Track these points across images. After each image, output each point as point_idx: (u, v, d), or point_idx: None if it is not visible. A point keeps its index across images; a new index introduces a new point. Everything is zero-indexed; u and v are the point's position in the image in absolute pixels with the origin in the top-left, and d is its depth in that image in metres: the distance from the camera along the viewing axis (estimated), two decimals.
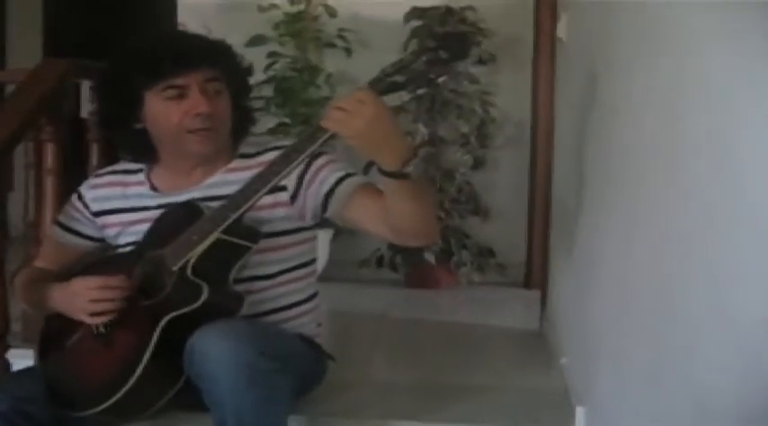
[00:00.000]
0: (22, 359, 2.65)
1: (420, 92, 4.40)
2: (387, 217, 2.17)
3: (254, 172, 2.28)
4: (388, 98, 2.05)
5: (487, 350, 3.47)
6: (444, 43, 2.04)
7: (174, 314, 2.19)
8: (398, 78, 2.05)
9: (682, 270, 1.58)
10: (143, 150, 2.43)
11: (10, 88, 4.93)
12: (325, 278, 2.56)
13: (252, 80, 2.54)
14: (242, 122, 2.45)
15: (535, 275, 4.41)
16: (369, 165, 2.10)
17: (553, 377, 2.88)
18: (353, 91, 2.01)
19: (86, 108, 3.10)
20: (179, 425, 2.42)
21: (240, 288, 2.31)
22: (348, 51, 4.75)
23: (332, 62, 4.85)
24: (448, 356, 3.36)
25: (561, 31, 3.35)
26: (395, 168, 2.02)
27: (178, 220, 2.30)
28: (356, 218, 2.30)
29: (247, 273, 2.34)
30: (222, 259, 2.27)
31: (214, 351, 2.03)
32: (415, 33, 4.47)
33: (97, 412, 2.20)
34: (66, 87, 2.98)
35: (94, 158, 3.19)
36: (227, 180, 2.38)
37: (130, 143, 2.44)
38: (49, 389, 2.26)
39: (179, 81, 2.30)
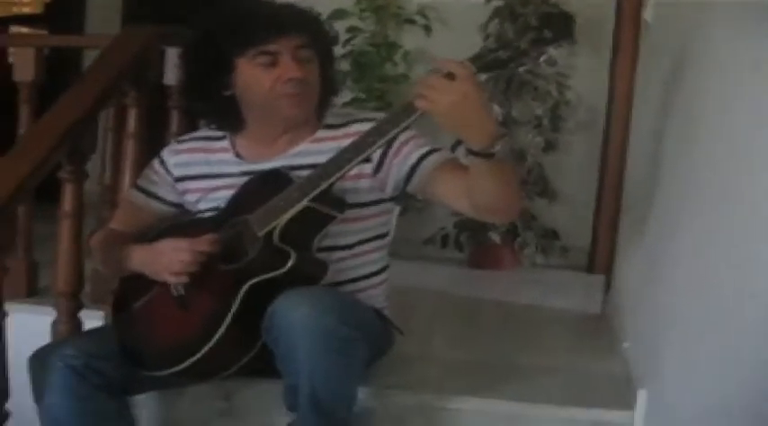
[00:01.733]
0: (90, 319, 2.72)
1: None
2: (469, 193, 2.19)
3: (340, 142, 2.31)
4: None
5: (548, 332, 3.48)
6: (548, 23, 2.04)
7: (260, 278, 2.22)
8: (501, 54, 2.06)
9: (762, 259, 1.58)
10: (230, 118, 2.45)
11: (88, 53, 5.05)
12: (389, 253, 2.59)
13: None
14: (327, 91, 2.47)
15: (599, 260, 4.40)
16: (457, 143, 2.11)
17: (615, 361, 2.88)
18: (452, 62, 1.99)
19: (170, 75, 3.14)
20: (247, 390, 2.50)
21: (319, 256, 2.34)
22: (427, 29, 4.77)
23: (410, 39, 4.87)
24: (508, 336, 3.38)
25: (648, 14, 3.32)
26: (482, 147, 2.02)
27: (265, 187, 2.33)
28: (439, 193, 2.32)
29: (327, 243, 2.36)
30: (308, 227, 2.29)
31: (296, 317, 2.06)
32: (496, 13, 4.45)
33: (172, 373, 2.24)
34: (150, 54, 3.02)
35: (174, 125, 3.23)
36: (312, 149, 2.41)
37: (217, 110, 2.46)
38: (122, 349, 2.31)
39: (271, 47, 2.32)
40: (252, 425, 2.53)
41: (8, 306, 2.41)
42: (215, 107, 2.46)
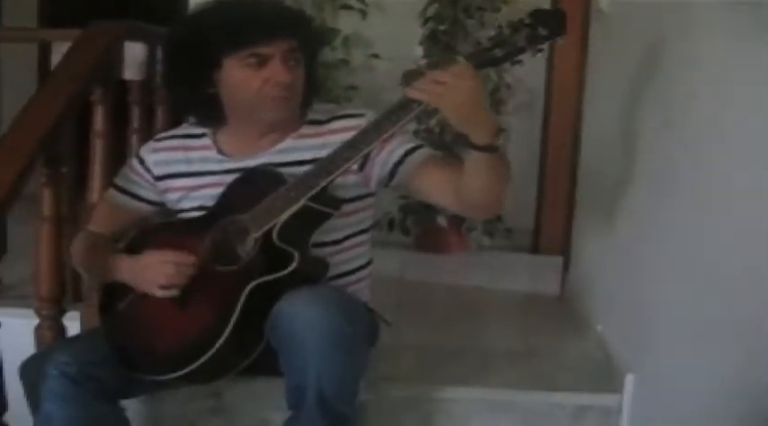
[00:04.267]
0: (67, 320, 2.66)
1: None
2: (457, 188, 2.21)
3: (324, 139, 2.35)
4: None
5: (513, 316, 3.55)
6: (542, 20, 2.07)
7: (264, 279, 2.20)
8: (497, 52, 2.09)
9: (749, 249, 1.63)
10: (211, 115, 2.43)
11: (5, 46, 4.92)
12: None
13: None
14: (311, 91, 2.46)
15: (545, 241, 4.45)
16: (457, 138, 2.13)
17: (589, 344, 2.95)
18: (450, 63, 2.04)
19: (130, 69, 3.08)
20: (238, 388, 2.51)
21: None
22: (363, 13, 4.76)
23: (347, 24, 4.84)
24: (475, 321, 3.45)
25: (603, 3, 3.37)
26: (486, 142, 2.07)
27: (256, 186, 2.31)
28: (423, 189, 2.35)
29: (316, 239, 2.35)
30: (304, 226, 2.29)
31: (303, 315, 2.06)
32: None
33: (174, 377, 2.21)
34: (117, 50, 2.95)
35: (135, 121, 3.14)
36: (297, 146, 2.41)
37: (199, 107, 2.44)
38: (117, 353, 2.28)
39: (265, 50, 2.30)
40: (242, 423, 2.53)
41: None
42: (196, 103, 2.44)
